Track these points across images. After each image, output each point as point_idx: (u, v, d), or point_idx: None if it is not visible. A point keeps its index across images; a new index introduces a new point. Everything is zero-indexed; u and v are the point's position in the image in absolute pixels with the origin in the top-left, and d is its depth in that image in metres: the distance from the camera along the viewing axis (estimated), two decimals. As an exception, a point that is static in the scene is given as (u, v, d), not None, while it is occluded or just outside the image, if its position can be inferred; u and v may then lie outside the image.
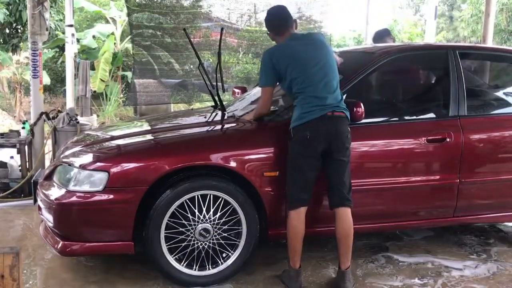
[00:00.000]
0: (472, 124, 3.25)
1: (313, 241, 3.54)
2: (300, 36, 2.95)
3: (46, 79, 10.29)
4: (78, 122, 4.89)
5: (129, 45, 10.28)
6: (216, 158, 2.81)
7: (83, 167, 2.78)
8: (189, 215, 2.78)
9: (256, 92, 3.94)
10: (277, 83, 2.96)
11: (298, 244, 2.78)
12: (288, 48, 2.87)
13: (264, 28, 3.39)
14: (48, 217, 2.85)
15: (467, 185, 3.19)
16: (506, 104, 3.66)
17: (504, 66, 4.10)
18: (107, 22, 11.89)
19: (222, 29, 3.87)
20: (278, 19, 2.98)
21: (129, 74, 10.75)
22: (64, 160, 3.01)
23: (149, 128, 3.56)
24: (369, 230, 3.38)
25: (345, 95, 3.10)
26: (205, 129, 3.34)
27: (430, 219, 3.31)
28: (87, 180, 2.73)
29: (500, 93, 3.84)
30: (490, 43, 6.52)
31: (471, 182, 3.20)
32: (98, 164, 2.77)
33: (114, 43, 11.26)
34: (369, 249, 3.49)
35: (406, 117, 3.43)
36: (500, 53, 3.90)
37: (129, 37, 9.72)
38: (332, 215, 2.81)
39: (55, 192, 2.83)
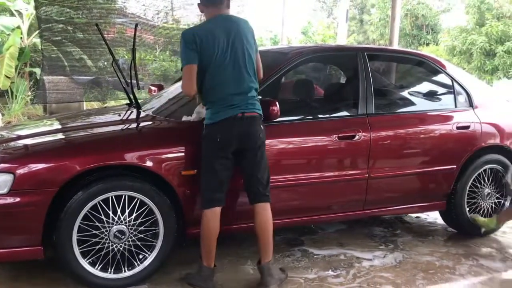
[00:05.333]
0: (380, 122, 3.43)
1: (227, 237, 3.58)
2: (230, 19, 2.78)
3: None
4: (-21, 121, 4.56)
5: (38, 40, 9.73)
6: (131, 157, 2.74)
7: (-15, 168, 2.59)
8: (103, 217, 2.69)
9: (173, 89, 3.90)
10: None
11: (212, 243, 2.75)
12: (212, 31, 2.70)
13: (182, 26, 3.35)
14: None
15: (375, 180, 3.37)
16: (410, 103, 3.91)
17: (408, 68, 4.38)
18: (12, 15, 11.16)
19: (136, 25, 3.79)
20: None
21: (37, 70, 10.18)
22: (-37, 161, 2.78)
23: (59, 127, 3.39)
24: (285, 225, 3.46)
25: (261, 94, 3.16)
26: (119, 127, 3.25)
27: (342, 213, 3.45)
28: (-10, 182, 2.55)
29: (405, 93, 4.09)
30: (396, 46, 6.94)
31: (378, 177, 3.38)
32: (2, 165, 2.59)
33: (21, 38, 10.59)
34: (286, 244, 3.58)
35: (319, 115, 3.55)
36: (404, 55, 4.16)
37: (37, 31, 9.20)
38: (248, 211, 2.85)
39: (-46, 196, 2.61)
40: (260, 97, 2.85)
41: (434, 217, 4.32)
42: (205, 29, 2.76)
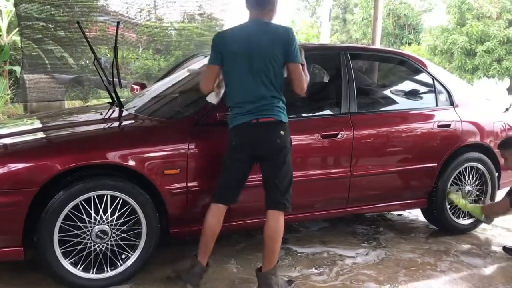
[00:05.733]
0: (362, 121, 3.45)
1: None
2: (261, 26, 2.70)
3: None
4: (-43, 120, 4.47)
5: (18, 38, 9.59)
6: (113, 156, 2.71)
7: (-37, 168, 2.54)
8: (84, 216, 2.66)
9: (156, 88, 3.88)
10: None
11: (208, 240, 2.74)
12: (236, 36, 2.71)
13: (164, 24, 3.33)
14: None
15: (358, 178, 3.39)
16: (392, 101, 3.94)
17: (390, 67, 4.42)
18: (-9, 12, 10.98)
19: (118, 23, 3.74)
20: None
21: (17, 68, 10.04)
22: None
23: (40, 125, 3.34)
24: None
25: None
26: (101, 126, 3.22)
27: (325, 211, 3.47)
28: (-32, 183, 2.50)
29: (387, 92, 4.13)
30: (378, 45, 7.00)
31: (361, 175, 3.40)
32: (-19, 165, 2.55)
33: (0, 35, 10.43)
34: (269, 243, 3.58)
35: (303, 114, 3.56)
36: (386, 54, 4.20)
37: (17, 29, 9.07)
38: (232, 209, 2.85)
39: None
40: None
41: (415, 214, 4.38)
42: (232, 32, 2.77)
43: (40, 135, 3.04)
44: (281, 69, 2.69)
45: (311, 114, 3.59)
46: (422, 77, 3.95)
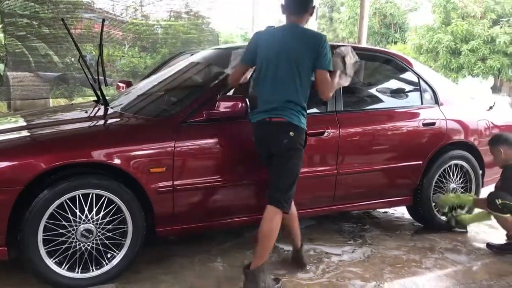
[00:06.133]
0: (348, 119, 3.47)
1: (200, 236, 3.57)
2: (292, 30, 2.80)
3: None
4: None
5: (1, 35, 9.46)
6: (98, 155, 2.69)
7: None
8: (69, 215, 2.63)
9: (142, 86, 3.86)
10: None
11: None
12: (269, 38, 2.83)
13: (151, 22, 3.32)
14: None
15: (344, 176, 3.41)
16: (378, 100, 3.96)
17: (376, 65, 4.43)
18: (-26, 8, 10.80)
19: (103, 20, 3.71)
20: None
21: (1, 66, 9.92)
22: None
23: (24, 124, 3.30)
24: (254, 221, 3.46)
25: (231, 91, 3.16)
26: (86, 124, 3.19)
27: (311, 209, 3.48)
28: (-51, 182, 2.46)
29: (373, 90, 4.15)
30: (364, 44, 7.03)
31: (347, 173, 3.42)
32: (-36, 164, 2.51)
33: (-17, 32, 10.28)
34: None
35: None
36: (372, 53, 4.21)
37: (0, 26, 8.94)
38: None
39: None
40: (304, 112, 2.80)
41: (401, 212, 4.41)
42: (267, 34, 2.88)
43: (25, 133, 3.01)
44: (308, 74, 2.76)
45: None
46: (408, 75, 3.98)
